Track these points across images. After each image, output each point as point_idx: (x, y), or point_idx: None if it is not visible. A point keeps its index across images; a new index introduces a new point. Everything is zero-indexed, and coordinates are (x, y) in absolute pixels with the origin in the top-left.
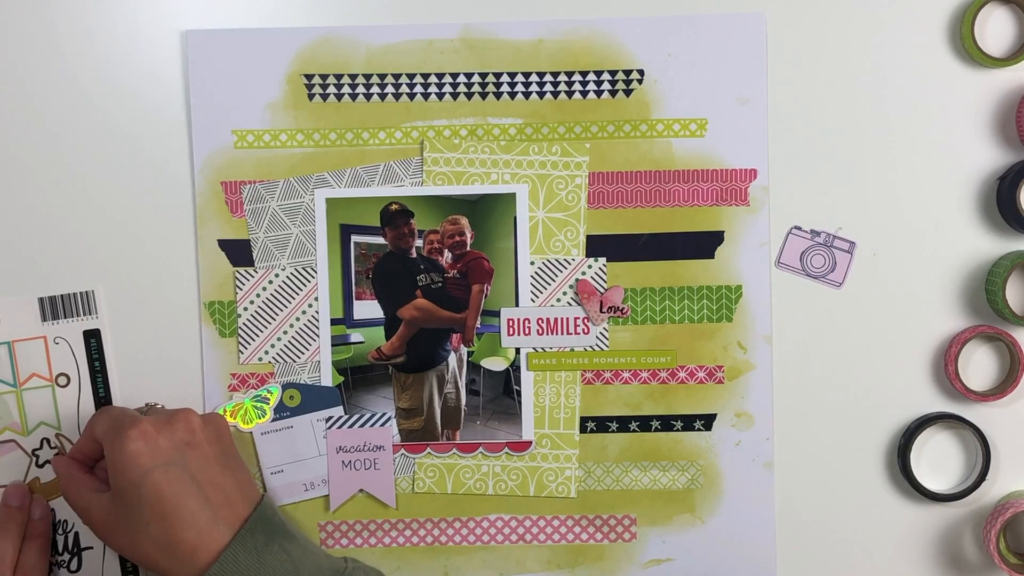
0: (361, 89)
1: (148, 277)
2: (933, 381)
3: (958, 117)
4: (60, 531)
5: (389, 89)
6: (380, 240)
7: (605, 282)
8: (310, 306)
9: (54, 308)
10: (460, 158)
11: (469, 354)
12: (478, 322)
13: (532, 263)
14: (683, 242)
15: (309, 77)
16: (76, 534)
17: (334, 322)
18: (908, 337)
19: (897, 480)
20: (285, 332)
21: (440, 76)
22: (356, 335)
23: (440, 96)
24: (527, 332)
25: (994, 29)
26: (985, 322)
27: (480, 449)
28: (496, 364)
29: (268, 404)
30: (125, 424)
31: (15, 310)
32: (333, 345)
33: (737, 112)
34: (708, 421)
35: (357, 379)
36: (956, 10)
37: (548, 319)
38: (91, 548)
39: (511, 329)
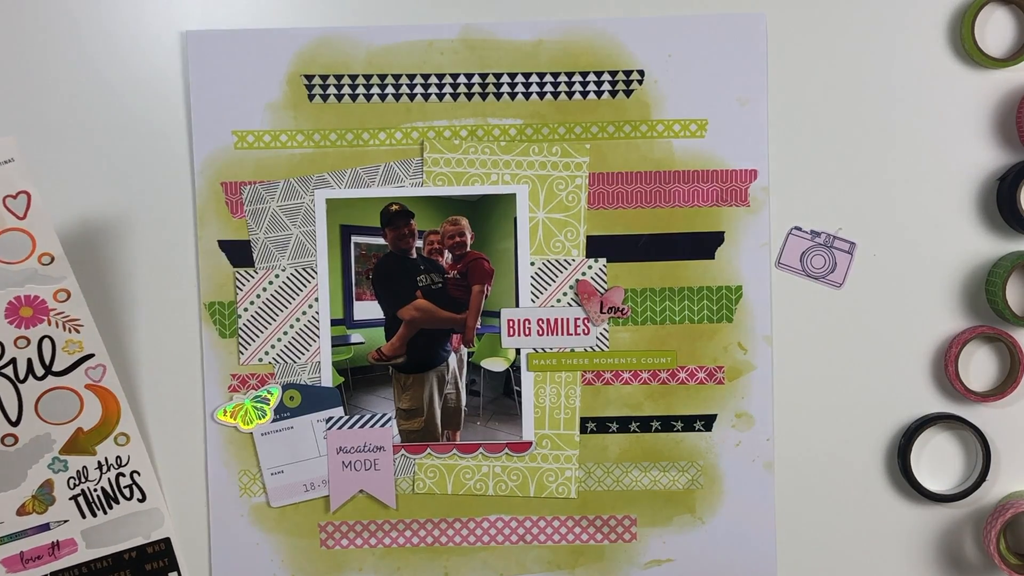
0: (361, 90)
1: (148, 277)
2: (933, 381)
3: (958, 117)
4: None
5: (389, 90)
6: (380, 241)
7: (605, 283)
8: (310, 307)
9: None
10: (460, 159)
11: (469, 355)
12: (478, 323)
13: (532, 264)
14: (683, 242)
15: (309, 78)
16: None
17: (334, 323)
18: (908, 337)
19: (897, 480)
20: (285, 333)
21: (440, 76)
22: (356, 336)
23: (440, 97)
24: (527, 333)
25: (994, 29)
26: (985, 322)
27: (480, 450)
28: (496, 365)
29: (268, 405)
30: None
31: None
32: (333, 346)
33: (737, 112)
34: (708, 422)
35: (357, 380)
36: (956, 10)
37: (548, 320)
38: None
39: (511, 330)
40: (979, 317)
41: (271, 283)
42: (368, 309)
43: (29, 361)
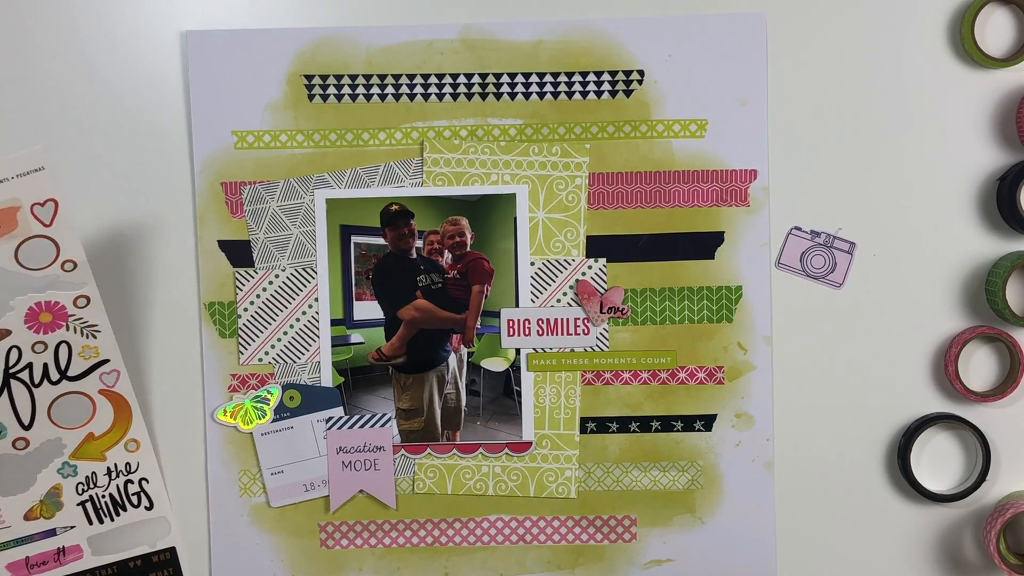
0: (361, 90)
1: (148, 277)
2: (933, 381)
3: (958, 117)
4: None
5: (389, 90)
6: (380, 241)
7: (605, 283)
8: (310, 307)
9: None
10: (460, 159)
11: (469, 355)
12: (478, 323)
13: (532, 264)
14: (683, 242)
15: (309, 78)
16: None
17: (334, 323)
18: (908, 337)
19: (897, 480)
20: (285, 333)
21: (440, 76)
22: (356, 336)
23: (440, 97)
24: (527, 333)
25: (994, 29)
26: (985, 322)
27: (480, 450)
28: (496, 365)
29: (268, 405)
30: None
31: None
32: (333, 346)
33: (737, 112)
34: (708, 422)
35: (357, 380)
36: (956, 10)
37: (548, 320)
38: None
39: (511, 330)
40: (979, 317)
41: (271, 283)
42: (368, 309)
43: (45, 366)
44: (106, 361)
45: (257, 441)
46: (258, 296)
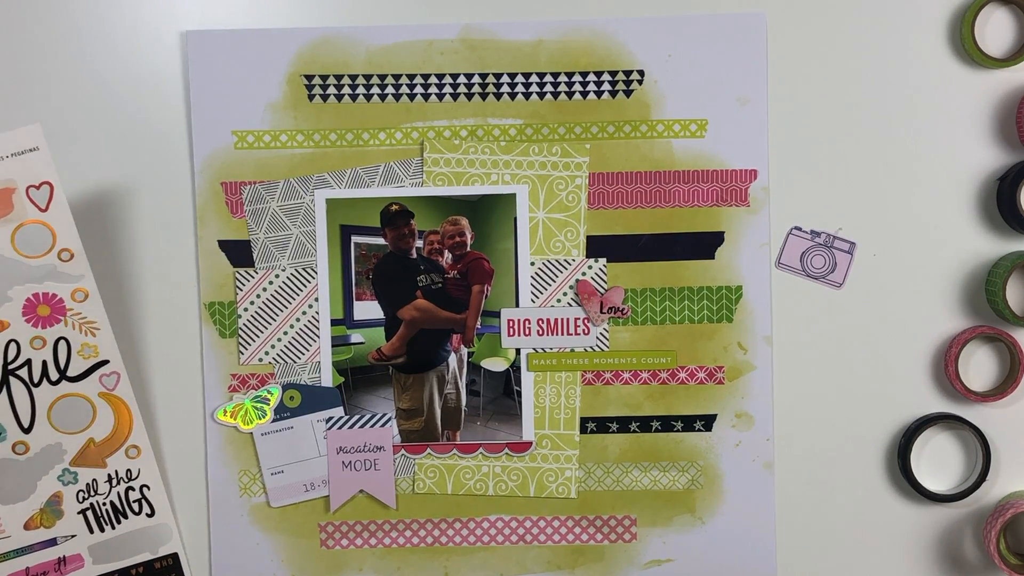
0: (361, 90)
1: (148, 277)
2: (933, 381)
3: (958, 117)
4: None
5: (389, 90)
6: (380, 241)
7: (605, 283)
8: (310, 307)
9: None
10: (460, 159)
11: (469, 355)
12: (478, 323)
13: (532, 264)
14: (683, 243)
15: (309, 78)
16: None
17: (334, 323)
18: (908, 337)
19: (897, 480)
20: (285, 333)
21: (440, 77)
22: (356, 336)
23: (440, 97)
24: (527, 333)
25: (994, 29)
26: (985, 322)
27: (480, 450)
28: (496, 365)
29: (268, 405)
30: None
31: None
32: (333, 346)
33: (737, 112)
34: (708, 422)
35: (357, 380)
36: (956, 10)
37: (548, 320)
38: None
39: (511, 330)
40: (979, 317)
41: (271, 283)
42: (368, 309)
43: (44, 364)
44: (106, 362)
45: (257, 441)
46: (258, 296)
